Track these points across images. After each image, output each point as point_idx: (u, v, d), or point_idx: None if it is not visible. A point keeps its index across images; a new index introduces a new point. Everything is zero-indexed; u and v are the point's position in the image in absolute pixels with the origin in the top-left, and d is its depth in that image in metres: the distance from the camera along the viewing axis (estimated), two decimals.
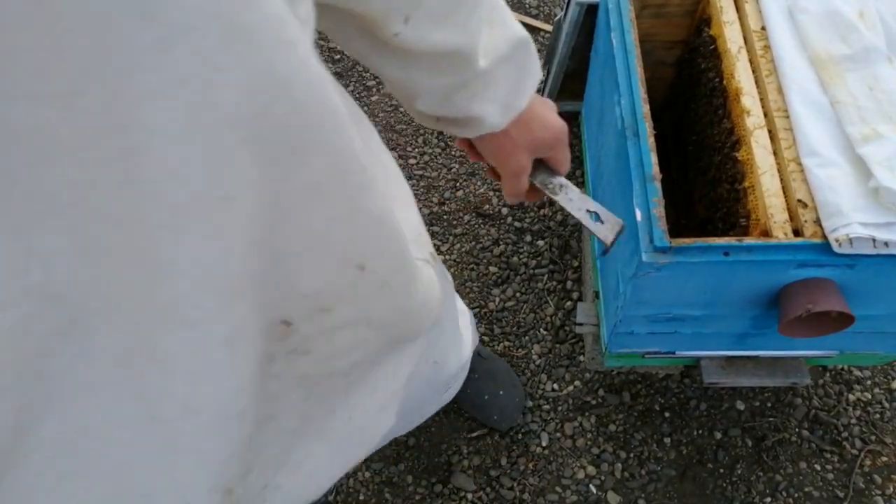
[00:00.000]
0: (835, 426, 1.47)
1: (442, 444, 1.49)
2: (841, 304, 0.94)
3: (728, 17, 1.20)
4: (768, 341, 1.21)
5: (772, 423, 1.48)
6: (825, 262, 0.94)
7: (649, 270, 0.98)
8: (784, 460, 1.44)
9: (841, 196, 0.93)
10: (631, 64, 1.15)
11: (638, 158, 1.05)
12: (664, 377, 1.54)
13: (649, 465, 1.45)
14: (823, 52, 1.08)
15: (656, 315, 1.12)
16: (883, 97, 1.01)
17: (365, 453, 0.75)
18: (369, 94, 2.04)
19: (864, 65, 1.05)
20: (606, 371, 1.55)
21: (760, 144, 1.05)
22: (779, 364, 1.30)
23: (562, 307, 1.64)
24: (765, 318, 1.11)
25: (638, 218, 1.00)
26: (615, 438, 1.48)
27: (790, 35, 1.12)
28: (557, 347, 1.59)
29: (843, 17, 1.08)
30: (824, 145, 0.99)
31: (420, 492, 1.44)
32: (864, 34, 1.06)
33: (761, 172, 1.02)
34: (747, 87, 1.11)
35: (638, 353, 1.29)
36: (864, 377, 1.53)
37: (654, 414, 1.50)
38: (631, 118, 1.10)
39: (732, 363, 1.30)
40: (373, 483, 1.45)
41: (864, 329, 1.15)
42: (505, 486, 1.43)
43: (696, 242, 0.95)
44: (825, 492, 1.41)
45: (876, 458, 1.44)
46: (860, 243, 0.91)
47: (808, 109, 1.04)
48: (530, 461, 1.46)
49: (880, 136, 0.97)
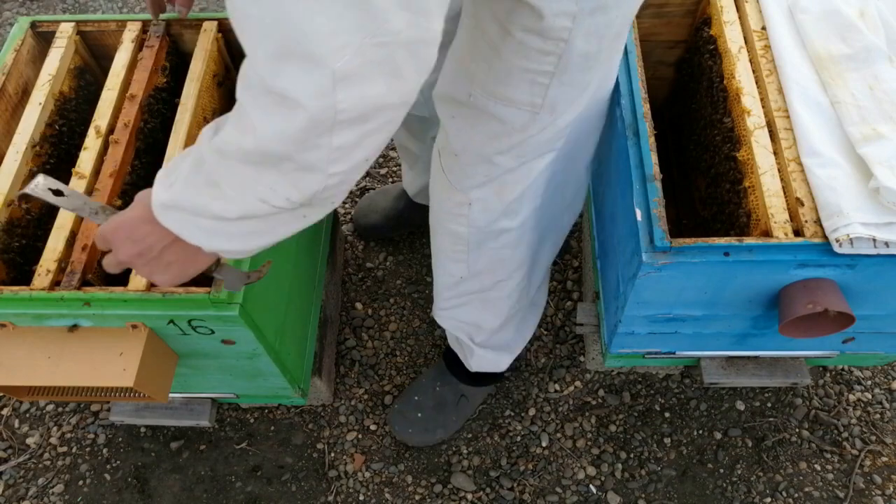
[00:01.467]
0: (835, 426, 1.47)
1: (442, 445, 1.49)
2: (841, 304, 0.94)
3: (728, 17, 1.20)
4: (768, 341, 1.20)
5: (772, 423, 1.48)
6: (826, 262, 0.94)
7: (649, 270, 0.98)
8: (784, 460, 1.44)
9: (841, 196, 0.93)
10: (631, 64, 1.15)
11: (638, 158, 1.05)
12: (664, 377, 1.54)
13: (649, 466, 1.45)
14: (824, 52, 1.08)
15: (657, 315, 1.12)
16: (883, 97, 1.01)
17: None
18: None
19: (864, 64, 1.04)
20: (607, 371, 1.55)
21: (761, 144, 1.05)
22: (779, 364, 1.30)
23: (562, 307, 1.64)
24: (765, 318, 1.11)
25: (638, 218, 1.00)
26: (615, 439, 1.48)
27: (791, 35, 1.12)
28: (558, 348, 1.59)
29: (844, 16, 1.08)
30: (825, 145, 0.99)
31: (420, 492, 1.44)
32: (865, 34, 1.06)
33: (762, 172, 1.02)
34: (748, 87, 1.11)
35: (638, 353, 1.29)
36: (865, 377, 1.53)
37: (654, 414, 1.50)
38: (631, 118, 1.10)
39: (733, 363, 1.30)
40: (373, 483, 1.45)
41: (865, 329, 1.15)
42: (505, 486, 1.43)
43: (697, 242, 0.95)
44: (825, 492, 1.41)
45: (876, 458, 1.44)
46: (861, 243, 0.91)
47: (808, 109, 1.04)
48: (530, 462, 1.46)
49: (881, 136, 0.96)
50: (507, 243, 1.12)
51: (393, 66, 0.52)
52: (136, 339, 0.96)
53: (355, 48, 0.50)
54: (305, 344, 1.35)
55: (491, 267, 1.17)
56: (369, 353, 1.60)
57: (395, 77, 0.53)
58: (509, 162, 0.97)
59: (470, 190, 1.02)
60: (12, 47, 1.16)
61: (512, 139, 0.93)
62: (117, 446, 1.49)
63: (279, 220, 0.64)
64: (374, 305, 1.66)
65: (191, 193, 0.64)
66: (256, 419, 1.51)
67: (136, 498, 1.44)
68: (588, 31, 0.80)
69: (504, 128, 0.91)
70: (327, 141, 0.55)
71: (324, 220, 1.49)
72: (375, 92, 0.53)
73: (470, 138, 0.96)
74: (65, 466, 1.47)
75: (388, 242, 1.75)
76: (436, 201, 1.12)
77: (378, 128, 0.57)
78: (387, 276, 1.71)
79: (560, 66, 0.83)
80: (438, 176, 1.07)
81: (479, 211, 1.05)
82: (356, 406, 1.53)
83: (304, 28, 0.49)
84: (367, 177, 1.87)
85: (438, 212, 1.12)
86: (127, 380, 0.93)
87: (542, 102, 0.87)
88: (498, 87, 0.87)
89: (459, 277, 1.20)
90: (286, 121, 0.54)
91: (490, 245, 1.12)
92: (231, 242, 0.66)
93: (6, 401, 1.55)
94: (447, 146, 1.00)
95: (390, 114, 0.57)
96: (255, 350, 1.07)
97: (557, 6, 0.76)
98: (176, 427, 1.50)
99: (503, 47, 0.82)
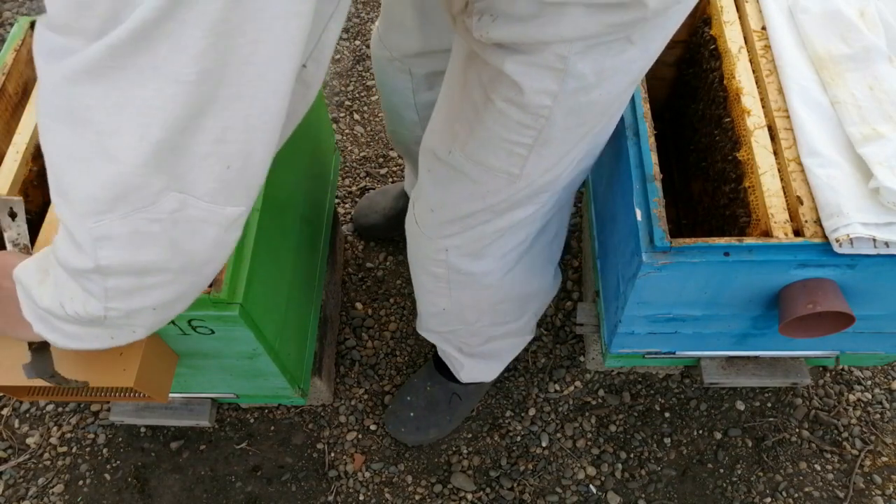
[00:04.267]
0: (835, 426, 1.47)
1: (442, 445, 1.49)
2: (841, 304, 0.94)
3: (728, 17, 1.19)
4: (768, 341, 1.20)
5: (772, 423, 1.48)
6: (826, 262, 0.94)
7: (649, 270, 0.98)
8: (784, 460, 1.44)
9: (841, 196, 0.93)
10: None
11: (638, 158, 1.05)
12: (664, 377, 1.54)
13: (649, 466, 1.45)
14: (824, 52, 1.08)
15: (656, 315, 1.12)
16: (883, 97, 1.01)
17: None
18: (369, 93, 2.04)
19: (864, 64, 1.04)
20: (607, 371, 1.55)
21: (761, 144, 1.05)
22: (779, 364, 1.30)
23: (562, 307, 1.64)
24: (765, 318, 1.11)
25: (638, 218, 1.00)
26: (615, 439, 1.48)
27: (791, 35, 1.12)
28: (558, 348, 1.59)
29: (844, 16, 1.08)
30: (825, 145, 0.99)
31: (420, 492, 1.44)
32: (865, 34, 1.06)
33: (762, 172, 1.02)
34: (748, 87, 1.11)
35: (638, 353, 1.29)
36: (865, 377, 1.53)
37: (654, 414, 1.50)
38: (631, 118, 1.10)
39: (733, 363, 1.30)
40: (373, 483, 1.45)
41: (865, 329, 1.15)
42: (505, 486, 1.43)
43: (697, 242, 0.95)
44: (825, 492, 1.41)
45: (876, 458, 1.44)
46: (861, 243, 0.91)
47: (808, 109, 1.04)
48: (530, 462, 1.46)
49: (881, 136, 0.96)
50: (490, 284, 1.10)
51: (170, 240, 0.50)
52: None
53: (119, 217, 0.48)
54: (305, 344, 1.35)
55: (474, 304, 1.15)
56: (369, 353, 1.60)
57: (174, 249, 0.51)
58: (485, 215, 0.95)
59: (445, 239, 1.01)
60: (12, 47, 1.16)
61: (486, 201, 0.92)
62: (117, 446, 1.49)
63: (87, 332, 0.62)
64: (374, 305, 1.66)
65: (32, 270, 0.63)
66: (256, 419, 1.51)
67: (136, 498, 1.44)
68: (570, 109, 0.78)
69: (479, 189, 0.90)
70: (99, 279, 0.53)
71: (323, 220, 1.49)
72: (147, 258, 0.51)
73: (445, 195, 0.95)
74: (65, 466, 1.47)
75: (388, 242, 1.75)
76: (413, 245, 1.10)
77: (161, 284, 0.54)
78: (387, 276, 1.71)
79: (539, 141, 0.81)
80: (412, 226, 1.05)
81: (456, 257, 1.03)
82: (356, 406, 1.53)
83: (67, 179, 0.48)
84: (368, 177, 1.88)
85: (416, 254, 1.10)
86: (127, 380, 0.93)
87: (519, 173, 0.86)
88: (477, 151, 0.85)
89: (442, 309, 1.18)
90: (64, 247, 0.53)
91: (472, 286, 1.10)
92: (52, 333, 0.64)
93: (6, 401, 1.55)
94: (423, 199, 0.99)
95: (173, 277, 0.54)
96: (255, 350, 1.07)
97: (539, 84, 0.75)
98: (176, 427, 1.50)
99: (485, 113, 0.81)
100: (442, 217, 0.98)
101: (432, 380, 1.49)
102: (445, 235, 1.01)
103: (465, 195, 0.93)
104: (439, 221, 0.99)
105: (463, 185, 0.91)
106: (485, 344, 1.30)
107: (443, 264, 1.06)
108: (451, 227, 0.99)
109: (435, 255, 1.05)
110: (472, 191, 0.91)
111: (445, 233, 1.00)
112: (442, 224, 0.99)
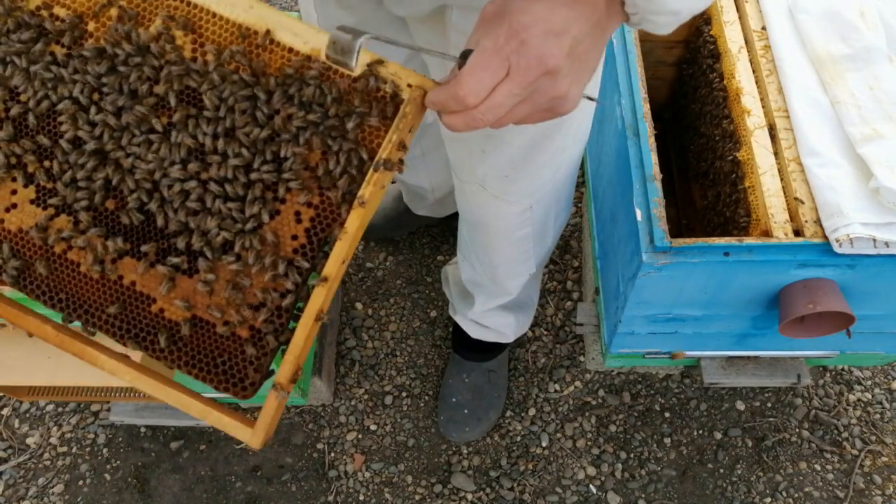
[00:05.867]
0: (835, 426, 1.47)
1: (442, 445, 1.49)
2: (841, 304, 0.94)
3: (728, 17, 1.20)
4: (768, 341, 1.20)
5: (772, 423, 1.48)
6: (826, 262, 0.94)
7: (649, 270, 0.98)
8: (784, 460, 1.44)
9: (841, 196, 0.93)
10: (631, 64, 1.15)
11: (638, 158, 1.05)
12: (664, 377, 1.54)
13: (649, 466, 1.45)
14: (824, 52, 1.08)
15: (657, 315, 1.12)
16: (883, 97, 1.01)
17: None
18: None
19: (864, 64, 1.04)
20: (607, 371, 1.55)
21: (761, 144, 1.05)
22: (779, 364, 1.30)
23: (562, 307, 1.64)
24: (765, 318, 1.11)
25: (638, 218, 1.00)
26: (615, 439, 1.48)
27: (791, 35, 1.12)
28: (558, 348, 1.59)
29: (844, 16, 1.08)
30: (825, 145, 0.99)
31: (420, 492, 1.44)
32: (865, 34, 1.06)
33: (762, 172, 1.02)
34: (748, 87, 1.11)
35: (638, 353, 1.29)
36: (865, 377, 1.53)
37: (654, 414, 1.50)
38: (631, 118, 1.10)
39: (733, 363, 1.30)
40: (373, 483, 1.45)
41: (865, 329, 1.15)
42: (505, 486, 1.43)
43: (697, 242, 0.95)
44: (825, 492, 1.41)
45: (876, 458, 1.44)
46: (861, 243, 0.91)
47: (808, 109, 1.04)
48: (530, 462, 1.46)
49: (881, 136, 0.96)
50: (555, 225, 1.16)
51: None
52: None
53: None
54: None
55: (547, 252, 1.22)
56: (369, 354, 1.60)
57: None
58: (555, 155, 0.96)
59: (529, 196, 1.01)
60: None
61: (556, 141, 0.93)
62: (117, 446, 1.49)
63: None
64: (374, 305, 1.66)
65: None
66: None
67: (136, 498, 1.44)
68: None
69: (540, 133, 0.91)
70: None
71: None
72: None
73: (514, 152, 0.94)
74: (65, 466, 1.47)
75: (388, 242, 1.75)
76: (491, 223, 1.10)
77: None
78: (387, 276, 1.71)
79: None
80: (490, 202, 1.04)
81: (539, 208, 1.06)
82: (356, 406, 1.53)
83: None
84: None
85: (498, 228, 1.10)
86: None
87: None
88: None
89: (529, 275, 1.22)
90: None
91: (549, 233, 1.15)
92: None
93: (6, 401, 1.55)
94: (491, 173, 0.97)
95: None
96: None
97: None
98: (176, 427, 1.50)
99: None
100: (518, 174, 0.97)
101: (464, 371, 1.50)
102: (529, 193, 1.01)
103: (528, 146, 0.92)
104: (517, 178, 0.98)
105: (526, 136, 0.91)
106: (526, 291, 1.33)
107: (528, 222, 1.07)
108: (531, 184, 1.00)
109: (521, 216, 1.06)
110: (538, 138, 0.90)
111: (529, 190, 1.01)
112: (520, 180, 0.99)
